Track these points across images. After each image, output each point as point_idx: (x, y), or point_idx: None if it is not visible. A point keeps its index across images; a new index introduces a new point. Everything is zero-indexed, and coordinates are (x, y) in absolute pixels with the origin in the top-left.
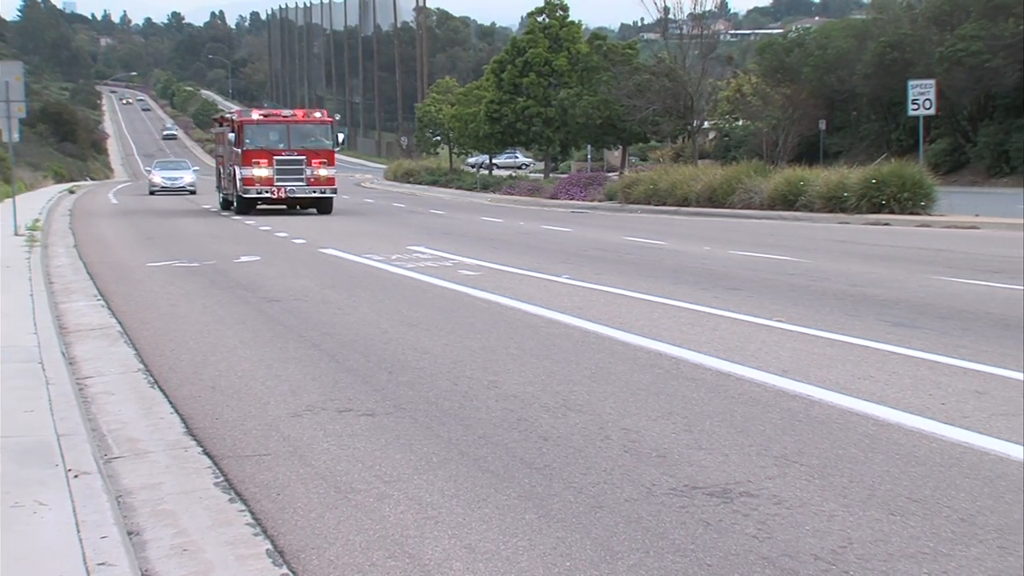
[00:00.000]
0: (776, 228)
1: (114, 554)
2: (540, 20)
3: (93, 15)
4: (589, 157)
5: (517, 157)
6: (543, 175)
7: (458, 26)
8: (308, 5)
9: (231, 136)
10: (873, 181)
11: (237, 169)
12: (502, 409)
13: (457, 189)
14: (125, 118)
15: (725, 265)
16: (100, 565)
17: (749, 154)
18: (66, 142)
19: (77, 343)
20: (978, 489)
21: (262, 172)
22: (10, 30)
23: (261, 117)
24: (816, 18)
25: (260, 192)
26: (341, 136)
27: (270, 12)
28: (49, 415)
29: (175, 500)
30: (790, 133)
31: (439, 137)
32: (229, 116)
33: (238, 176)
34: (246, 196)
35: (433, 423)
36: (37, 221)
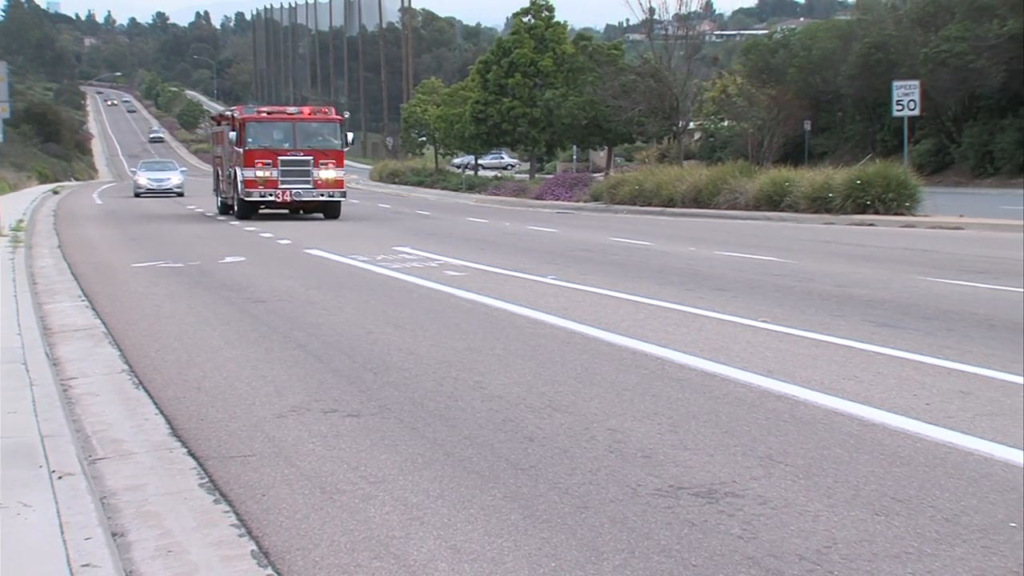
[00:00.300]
0: (761, 229)
1: (98, 555)
2: (526, 21)
3: (77, 15)
4: (575, 158)
5: (503, 158)
6: (528, 176)
7: (443, 26)
8: (293, 5)
9: (232, 135)
10: (858, 182)
11: (238, 170)
12: (487, 410)
13: (443, 190)
14: (110, 119)
15: (710, 266)
16: (84, 566)
17: (734, 155)
18: (50, 142)
19: (61, 344)
20: (962, 489)
21: (265, 174)
22: None
23: (265, 114)
24: (801, 19)
25: (263, 195)
26: (350, 135)
27: (255, 12)
28: (33, 416)
29: (160, 501)
30: (775, 134)
31: (424, 138)
32: (229, 114)
33: (239, 178)
34: (248, 200)
35: (418, 424)
36: (21, 222)
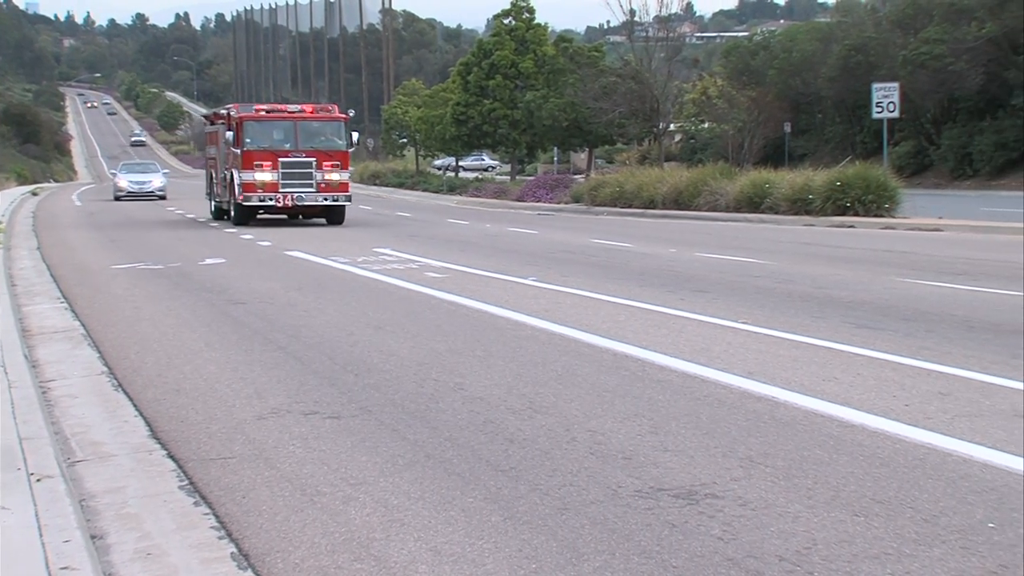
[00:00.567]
0: (742, 230)
1: (77, 558)
2: (506, 22)
3: (56, 16)
4: (555, 159)
5: (483, 159)
6: (509, 177)
7: (424, 28)
8: (274, 7)
9: (228, 135)
10: (838, 183)
11: (235, 173)
12: (468, 411)
13: (423, 191)
14: (89, 120)
15: (691, 267)
16: (63, 569)
17: (715, 156)
18: (29, 144)
19: (40, 346)
20: (941, 490)
21: (265, 176)
22: None
23: (264, 113)
24: (781, 21)
25: (263, 200)
26: (355, 135)
27: (235, 14)
28: (11, 418)
29: (139, 503)
30: (755, 135)
31: (405, 139)
32: (225, 112)
33: (236, 181)
34: (246, 204)
35: (399, 425)
36: (0, 223)
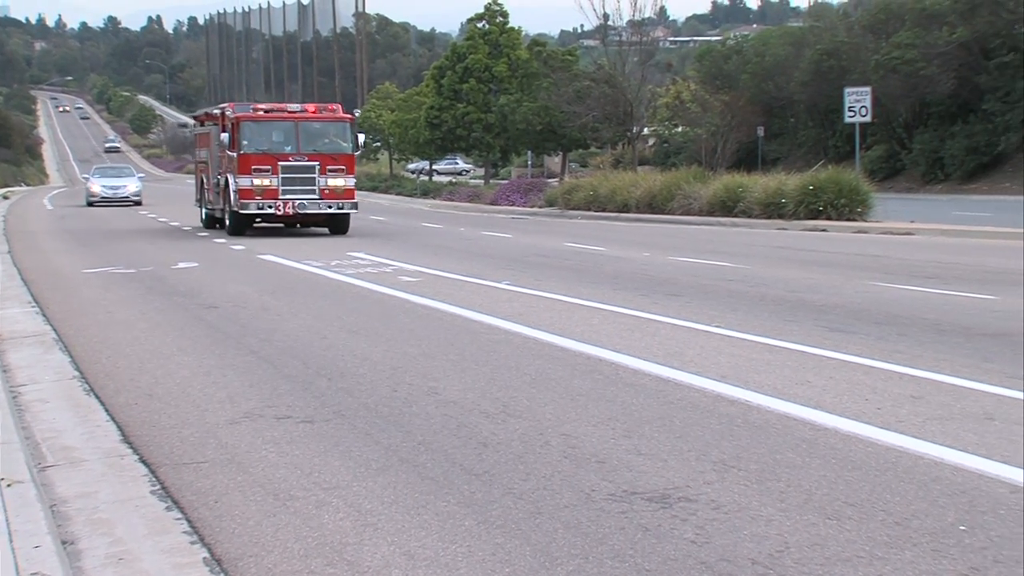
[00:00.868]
0: (715, 234)
1: (48, 564)
2: (480, 26)
3: (27, 19)
4: (529, 163)
5: (457, 163)
6: (483, 181)
7: (398, 32)
8: (247, 10)
9: (223, 137)
10: (810, 187)
11: (231, 178)
12: (442, 415)
13: (397, 195)
14: (61, 124)
15: (664, 271)
16: (34, 575)
17: (688, 160)
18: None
19: (11, 350)
20: (912, 493)
21: (264, 182)
22: None
23: (262, 113)
24: (754, 25)
25: (261, 207)
26: (361, 137)
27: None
28: None
29: (111, 508)
30: (729, 140)
31: (379, 143)
32: (218, 112)
33: (232, 187)
34: (244, 212)
35: (372, 430)
36: None
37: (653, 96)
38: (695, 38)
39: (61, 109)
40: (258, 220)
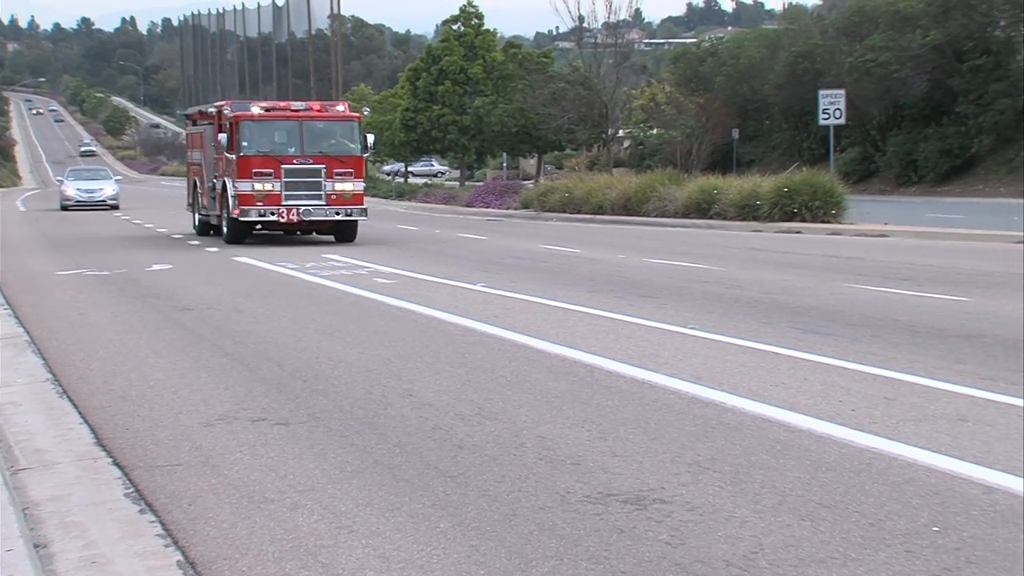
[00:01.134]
0: (690, 236)
1: (20, 567)
2: (455, 28)
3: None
4: (505, 165)
5: (433, 165)
6: (459, 183)
7: (373, 33)
8: (221, 11)
9: (221, 137)
10: (785, 190)
11: (229, 183)
12: (417, 417)
13: (372, 197)
14: (35, 126)
15: (640, 273)
16: None
17: (663, 162)
18: None
19: None
20: (886, 494)
21: (265, 187)
22: None
23: (264, 111)
24: (729, 28)
25: (263, 214)
26: (371, 138)
27: (182, 18)
28: None
29: (84, 512)
30: (703, 142)
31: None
32: (215, 110)
33: (231, 192)
34: (244, 220)
35: (347, 432)
36: None
37: (628, 98)
38: (670, 40)
39: (35, 111)
40: (258, 228)
